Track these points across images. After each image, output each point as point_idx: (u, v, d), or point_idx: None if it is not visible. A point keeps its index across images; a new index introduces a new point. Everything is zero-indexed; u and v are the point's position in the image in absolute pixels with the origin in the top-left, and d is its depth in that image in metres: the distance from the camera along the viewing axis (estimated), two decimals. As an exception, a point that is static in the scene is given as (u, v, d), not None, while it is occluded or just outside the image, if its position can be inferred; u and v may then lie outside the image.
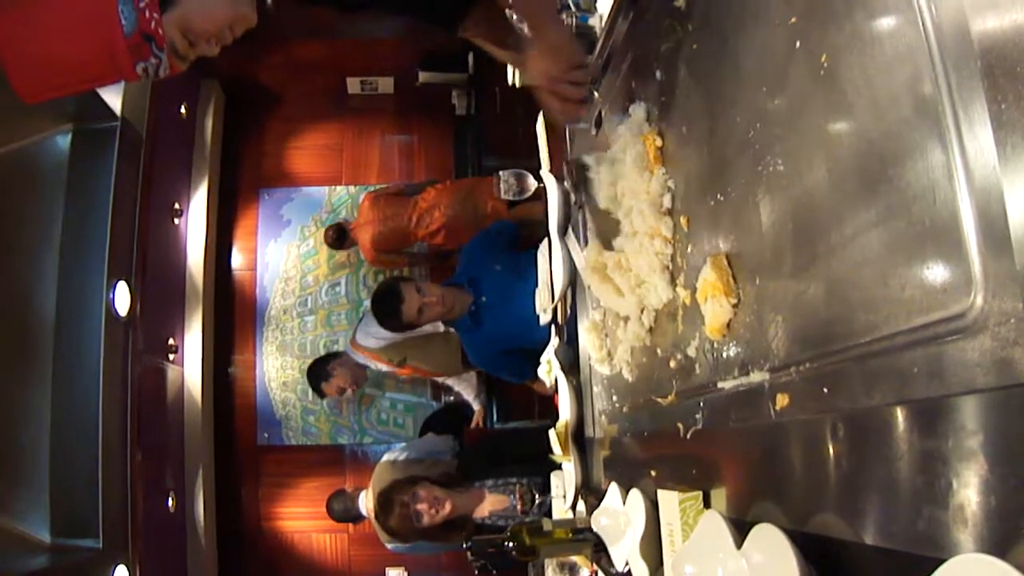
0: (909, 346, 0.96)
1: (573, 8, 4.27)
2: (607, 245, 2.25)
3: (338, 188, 7.11)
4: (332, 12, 2.30)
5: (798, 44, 1.24)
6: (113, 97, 3.68)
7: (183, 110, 6.22)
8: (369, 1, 2.33)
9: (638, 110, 2.10)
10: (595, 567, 2.58)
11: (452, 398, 6.45)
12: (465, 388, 6.02)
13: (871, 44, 1.04)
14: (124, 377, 3.71)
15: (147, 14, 1.79)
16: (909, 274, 0.96)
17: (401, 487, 4.09)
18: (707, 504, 1.69)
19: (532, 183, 4.11)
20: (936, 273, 0.92)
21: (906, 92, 0.96)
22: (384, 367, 5.71)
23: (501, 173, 4.20)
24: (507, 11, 2.26)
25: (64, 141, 3.56)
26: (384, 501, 4.11)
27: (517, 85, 4.05)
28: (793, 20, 1.26)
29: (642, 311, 2.05)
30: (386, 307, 4.31)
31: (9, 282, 3.23)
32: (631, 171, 2.02)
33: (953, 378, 0.89)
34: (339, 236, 6.27)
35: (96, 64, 1.85)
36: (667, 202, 1.90)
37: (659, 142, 1.98)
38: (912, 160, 0.94)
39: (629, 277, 2.06)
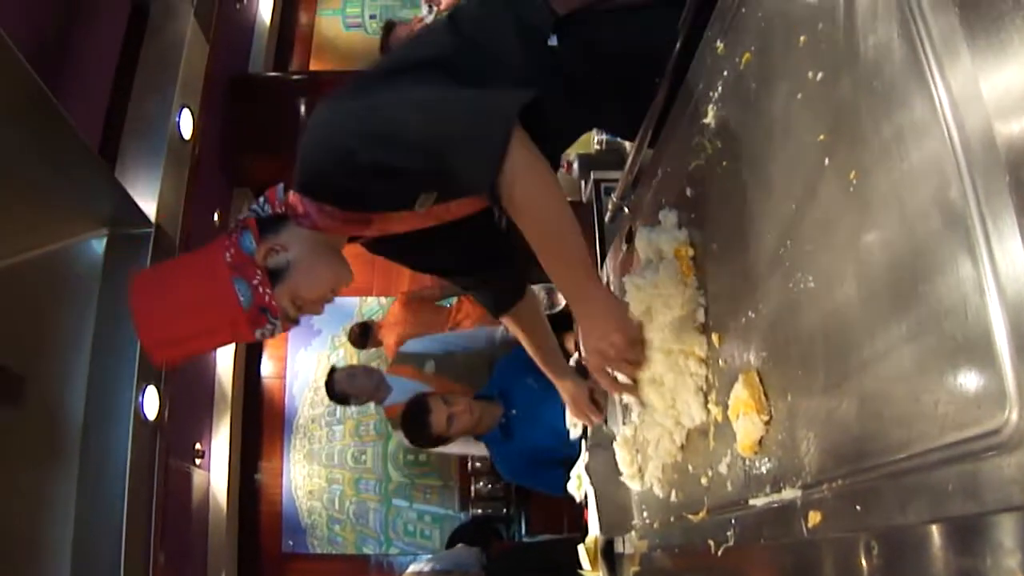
0: (944, 463, 0.95)
1: (605, 124, 4.32)
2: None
3: (369, 299, 7.15)
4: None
5: (827, 161, 1.25)
6: (148, 203, 3.75)
7: (216, 217, 6.31)
8: (448, 273, 2.56)
9: (669, 216, 2.11)
10: None
11: (480, 511, 6.39)
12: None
13: (899, 159, 1.04)
14: (150, 480, 3.70)
15: (261, 290, 2.05)
16: (942, 390, 0.95)
17: None
18: (738, 623, 1.66)
19: (562, 298, 4.12)
20: (970, 388, 0.91)
21: (935, 206, 0.96)
22: (414, 382, 5.59)
23: (532, 288, 4.22)
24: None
25: (99, 245, 3.61)
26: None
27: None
28: (821, 137, 1.27)
29: (674, 428, 2.04)
30: (415, 421, 4.30)
31: (39, 383, 3.25)
32: (664, 282, 2.02)
33: (989, 495, 0.87)
34: (363, 334, 6.28)
35: (220, 335, 2.13)
36: (700, 317, 1.91)
37: (691, 252, 1.98)
38: (943, 274, 0.94)
39: (664, 392, 2.05)
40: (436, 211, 2.15)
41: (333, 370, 5.57)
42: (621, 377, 2.17)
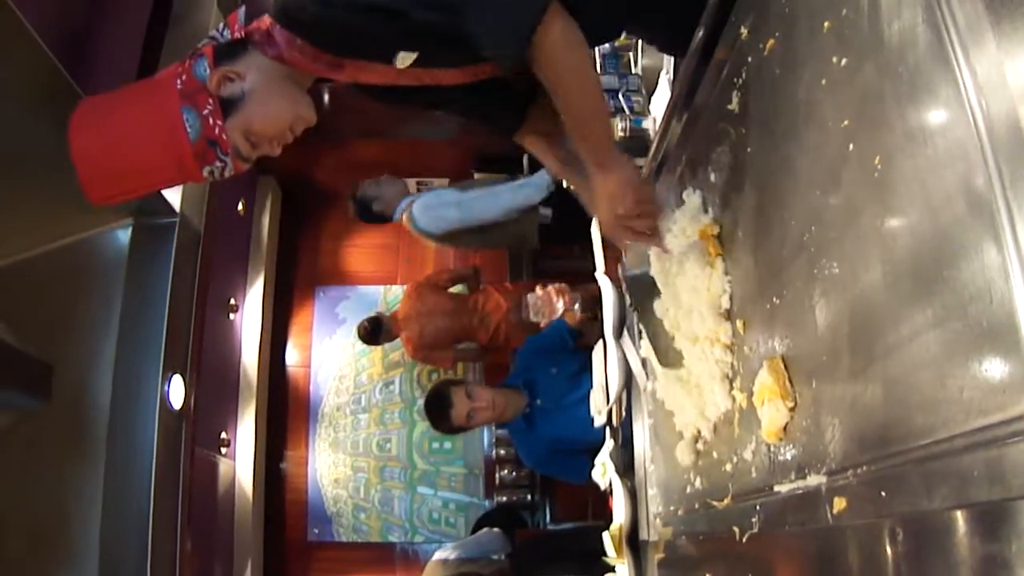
0: (969, 448, 0.95)
1: (627, 111, 4.34)
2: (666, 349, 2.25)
3: (394, 287, 7.15)
4: (396, 108, 2.34)
5: (851, 146, 1.25)
6: (172, 194, 3.74)
7: (240, 207, 6.31)
8: (438, 104, 2.38)
9: (692, 197, 2.10)
10: None
11: (504, 498, 6.40)
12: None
13: (923, 145, 1.04)
14: (177, 469, 3.72)
15: (211, 121, 1.90)
16: (967, 375, 0.95)
17: None
18: (762, 609, 1.66)
19: (560, 306, 4.10)
20: (995, 374, 0.91)
21: (959, 192, 0.96)
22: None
23: (529, 296, 4.20)
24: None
25: (124, 235, 3.62)
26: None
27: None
28: (846, 123, 1.27)
29: (700, 420, 2.04)
30: (435, 411, 4.32)
31: (66, 372, 3.27)
32: (690, 264, 2.03)
33: (1015, 480, 0.87)
34: (374, 330, 6.01)
35: (165, 169, 1.95)
36: (725, 303, 1.90)
37: (716, 230, 1.98)
38: (967, 260, 0.94)
39: (690, 381, 2.05)
40: (416, 72, 2.03)
41: (355, 186, 5.56)
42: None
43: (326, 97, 6.07)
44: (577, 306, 4.09)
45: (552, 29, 1.81)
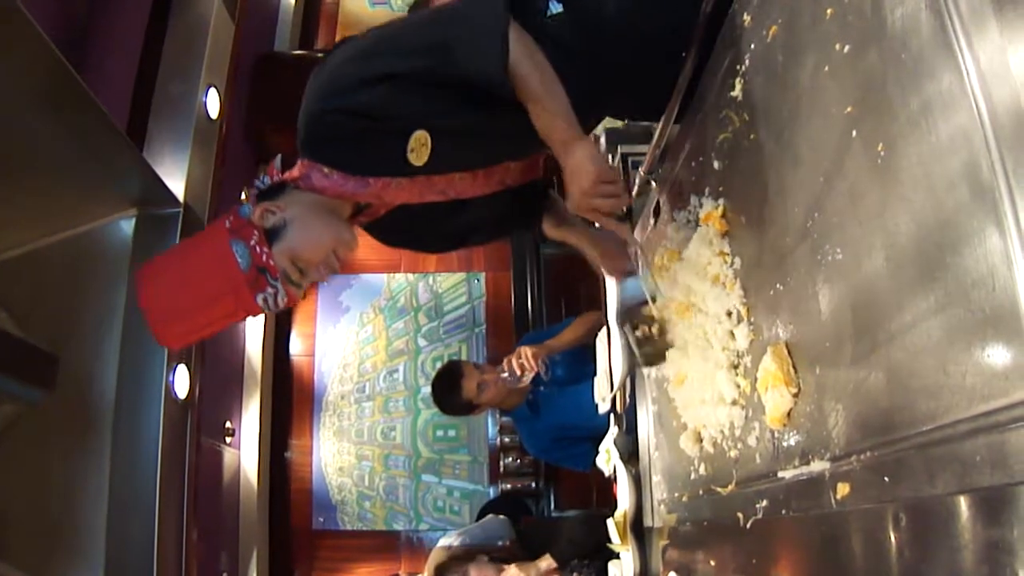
0: (971, 434, 0.95)
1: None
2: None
3: (397, 275, 7.15)
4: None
5: (854, 133, 1.25)
6: (176, 183, 3.75)
7: (244, 196, 6.30)
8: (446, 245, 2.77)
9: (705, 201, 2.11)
10: None
11: (509, 486, 6.41)
12: None
13: (926, 131, 1.04)
14: (182, 458, 3.72)
15: (258, 249, 2.06)
16: (970, 361, 0.95)
17: (457, 562, 4.09)
18: (767, 595, 1.67)
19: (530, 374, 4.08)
20: (997, 360, 0.91)
21: (962, 178, 0.96)
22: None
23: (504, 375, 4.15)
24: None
25: (128, 226, 3.61)
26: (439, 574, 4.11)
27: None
28: (849, 110, 1.27)
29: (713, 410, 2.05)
30: (445, 384, 4.30)
31: (71, 362, 3.27)
32: (694, 251, 2.03)
33: (1017, 466, 0.88)
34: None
35: (223, 303, 2.09)
36: (729, 289, 1.90)
37: (720, 211, 1.98)
38: (970, 246, 0.94)
39: (693, 364, 2.06)
40: (438, 184, 2.21)
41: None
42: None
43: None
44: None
45: (516, 43, 2.00)
